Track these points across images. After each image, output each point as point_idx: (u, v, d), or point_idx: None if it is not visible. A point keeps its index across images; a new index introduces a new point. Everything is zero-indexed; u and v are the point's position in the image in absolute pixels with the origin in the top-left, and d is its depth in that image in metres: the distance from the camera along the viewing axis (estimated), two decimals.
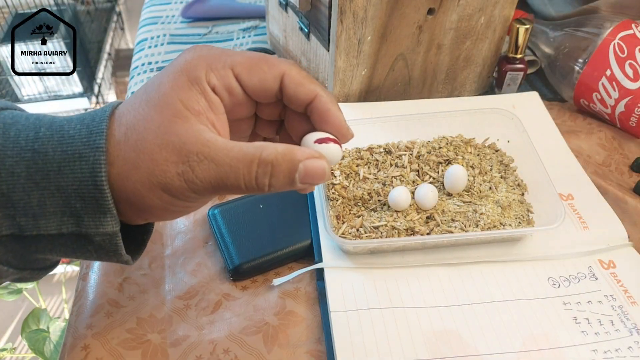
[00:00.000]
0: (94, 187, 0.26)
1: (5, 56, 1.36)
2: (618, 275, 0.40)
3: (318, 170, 0.28)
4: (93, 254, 0.29)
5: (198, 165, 0.27)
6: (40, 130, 0.27)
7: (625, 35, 0.50)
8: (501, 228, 0.40)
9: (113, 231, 0.27)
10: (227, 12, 0.75)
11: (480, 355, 0.35)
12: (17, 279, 0.30)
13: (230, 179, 0.27)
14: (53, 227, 0.27)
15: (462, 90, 0.58)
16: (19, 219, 0.26)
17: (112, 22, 1.74)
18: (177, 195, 0.27)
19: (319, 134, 0.30)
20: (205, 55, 0.29)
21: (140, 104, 0.28)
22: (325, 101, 0.30)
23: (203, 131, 0.27)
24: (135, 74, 0.66)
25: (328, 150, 0.29)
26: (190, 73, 0.28)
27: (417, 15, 0.48)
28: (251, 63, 0.29)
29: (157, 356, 0.35)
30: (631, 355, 0.35)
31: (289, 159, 0.27)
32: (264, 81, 0.29)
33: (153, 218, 0.30)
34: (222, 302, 0.39)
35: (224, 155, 0.27)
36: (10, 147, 0.26)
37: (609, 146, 0.52)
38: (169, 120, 0.27)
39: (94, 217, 0.27)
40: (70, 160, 0.26)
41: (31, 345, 1.05)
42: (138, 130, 0.27)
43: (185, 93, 0.27)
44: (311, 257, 0.41)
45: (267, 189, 0.28)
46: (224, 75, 0.28)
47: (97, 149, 0.26)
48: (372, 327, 0.36)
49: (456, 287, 0.39)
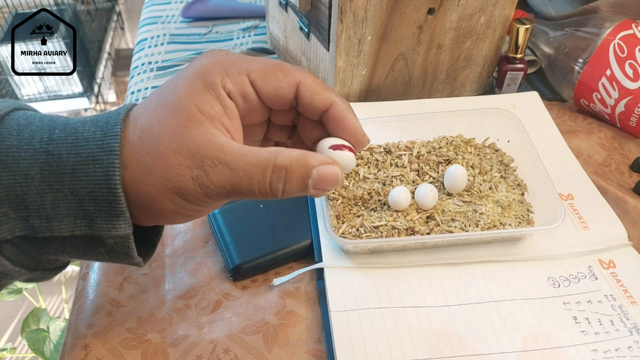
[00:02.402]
0: (108, 190, 0.26)
1: (5, 56, 1.36)
2: (618, 275, 0.40)
3: (331, 177, 0.28)
4: (105, 256, 0.29)
5: (212, 170, 0.27)
6: (55, 132, 0.27)
7: (625, 35, 0.50)
8: (501, 228, 0.40)
9: (125, 234, 0.27)
10: (227, 12, 0.75)
11: (480, 354, 0.35)
12: (28, 279, 0.30)
13: (245, 184, 0.27)
14: (66, 229, 0.27)
15: (462, 90, 0.58)
16: (32, 221, 0.26)
17: (112, 22, 1.74)
18: (191, 200, 0.27)
19: (334, 140, 0.30)
20: (222, 61, 0.29)
21: (156, 108, 0.28)
22: (341, 108, 0.30)
23: (218, 136, 0.27)
24: (135, 73, 0.66)
25: (342, 157, 0.30)
26: (206, 78, 0.28)
27: (417, 15, 0.48)
28: (267, 70, 0.29)
29: (157, 355, 0.35)
30: (631, 355, 0.35)
31: (303, 164, 0.28)
32: (279, 89, 0.29)
33: (165, 221, 0.30)
34: (222, 301, 0.39)
35: (239, 161, 0.27)
36: (25, 148, 0.26)
37: (609, 146, 0.52)
38: (184, 125, 0.27)
39: (107, 219, 0.27)
40: (84, 163, 0.26)
41: (31, 345, 1.05)
42: (153, 134, 0.27)
43: (200, 97, 0.27)
44: (311, 257, 0.41)
45: (280, 195, 0.28)
46: (240, 81, 0.28)
47: (111, 152, 0.26)
48: (372, 327, 0.36)
49: (456, 287, 0.39)
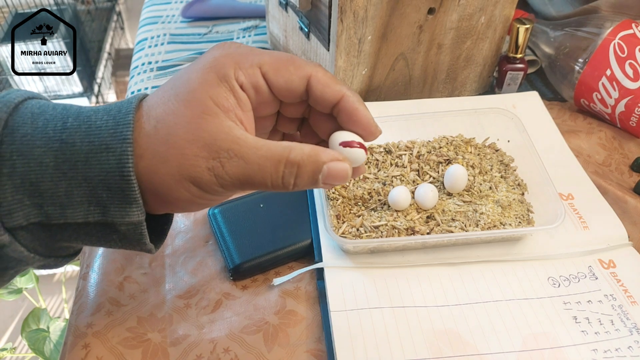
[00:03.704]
0: (121, 178, 0.27)
1: (5, 56, 1.36)
2: (618, 274, 0.40)
3: (340, 173, 0.29)
4: (117, 243, 0.29)
5: (228, 162, 0.27)
6: (68, 120, 0.27)
7: (626, 35, 0.50)
8: (501, 228, 0.40)
9: (138, 220, 0.28)
10: (227, 12, 0.75)
11: (480, 354, 0.35)
12: (42, 266, 0.30)
13: (258, 177, 0.28)
14: (79, 216, 0.27)
15: (462, 90, 0.58)
16: (47, 208, 0.27)
17: (112, 22, 1.74)
18: (205, 189, 0.28)
19: (345, 135, 0.31)
20: (234, 53, 0.29)
21: (170, 99, 0.28)
22: (352, 101, 0.30)
23: (233, 128, 0.28)
24: (135, 73, 0.66)
25: (352, 154, 0.31)
26: (219, 70, 0.28)
27: (417, 14, 0.48)
28: (278, 63, 0.29)
29: (158, 355, 0.35)
30: (631, 354, 0.35)
31: (314, 160, 0.28)
32: (290, 82, 0.30)
33: (178, 209, 0.30)
34: (222, 301, 0.39)
35: (253, 154, 0.27)
36: (39, 137, 0.27)
37: (609, 146, 0.52)
38: (199, 117, 0.27)
39: (120, 207, 0.27)
40: (97, 151, 0.27)
41: (31, 345, 1.05)
42: (168, 124, 0.27)
43: (214, 90, 0.28)
44: (311, 257, 0.41)
45: (291, 188, 0.29)
46: (252, 73, 0.29)
47: (124, 141, 0.27)
48: (372, 327, 0.36)
49: (456, 287, 0.39)
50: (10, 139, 0.26)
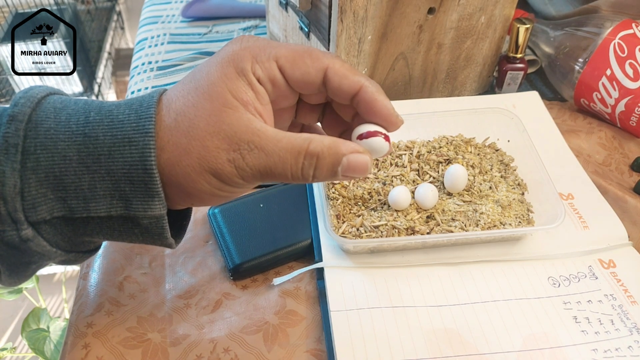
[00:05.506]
0: (144, 171, 0.27)
1: (5, 56, 1.36)
2: (618, 274, 0.40)
3: (360, 165, 0.29)
4: (139, 237, 0.30)
5: (249, 154, 0.28)
6: (90, 114, 0.28)
7: (626, 35, 0.50)
8: (501, 227, 0.40)
9: (160, 214, 0.28)
10: (227, 12, 0.75)
11: (480, 354, 0.35)
12: (62, 262, 0.30)
13: (278, 169, 0.28)
14: (102, 210, 0.28)
15: (462, 89, 0.58)
16: (70, 202, 0.27)
17: (112, 22, 1.74)
18: (226, 181, 0.28)
19: (368, 127, 0.31)
20: (251, 47, 0.29)
21: (190, 92, 0.28)
22: (371, 91, 0.30)
23: (253, 121, 0.28)
24: (136, 73, 0.66)
25: (372, 144, 0.30)
26: (237, 64, 0.28)
27: (417, 14, 0.48)
28: (295, 56, 0.29)
29: (158, 355, 0.36)
30: (631, 354, 0.35)
31: (334, 152, 0.28)
32: (307, 74, 0.30)
33: (199, 203, 0.31)
34: (222, 301, 0.39)
35: (274, 146, 0.28)
36: (62, 131, 0.27)
37: (609, 146, 0.52)
38: (220, 110, 0.28)
39: (142, 200, 0.28)
40: (120, 144, 0.27)
41: (31, 345, 1.05)
42: (189, 117, 0.28)
43: (233, 83, 0.28)
44: (311, 257, 0.41)
45: (311, 180, 0.29)
46: (269, 67, 0.29)
47: (146, 134, 0.27)
48: (373, 327, 0.36)
49: (456, 287, 0.39)
50: (34, 133, 0.27)
